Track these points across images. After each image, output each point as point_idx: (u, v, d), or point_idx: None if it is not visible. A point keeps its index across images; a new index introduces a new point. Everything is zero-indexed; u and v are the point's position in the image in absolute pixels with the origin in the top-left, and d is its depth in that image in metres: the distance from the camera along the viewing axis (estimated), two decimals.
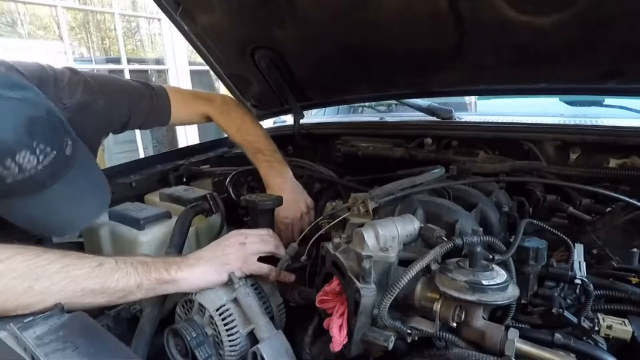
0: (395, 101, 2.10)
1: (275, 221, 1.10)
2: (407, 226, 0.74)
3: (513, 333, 0.61)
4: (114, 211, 1.07)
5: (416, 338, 0.65)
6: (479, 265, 0.63)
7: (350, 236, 0.75)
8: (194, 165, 1.52)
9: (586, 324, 0.70)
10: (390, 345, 0.63)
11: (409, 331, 0.64)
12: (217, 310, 0.76)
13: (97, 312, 0.88)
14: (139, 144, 4.52)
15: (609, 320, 0.72)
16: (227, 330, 0.75)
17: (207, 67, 1.71)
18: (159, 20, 5.14)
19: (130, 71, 4.53)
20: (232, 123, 1.29)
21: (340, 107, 2.45)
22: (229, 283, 0.79)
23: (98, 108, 1.03)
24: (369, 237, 0.69)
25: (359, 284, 0.64)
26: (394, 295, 0.62)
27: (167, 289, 0.75)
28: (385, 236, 0.69)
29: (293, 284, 0.88)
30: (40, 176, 0.75)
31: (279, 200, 0.98)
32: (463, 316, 0.63)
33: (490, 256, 0.68)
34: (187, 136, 4.98)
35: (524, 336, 0.63)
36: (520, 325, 0.72)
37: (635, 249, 0.91)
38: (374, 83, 1.57)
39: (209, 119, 1.31)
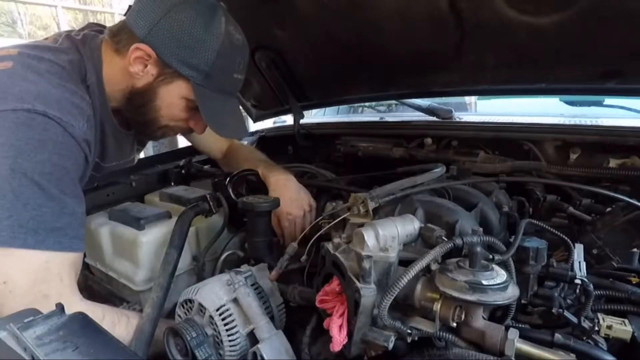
0: (395, 101, 2.10)
1: (280, 218, 1.10)
2: (407, 226, 0.74)
3: (513, 333, 0.61)
4: (114, 211, 1.07)
5: (416, 338, 0.65)
6: (479, 265, 0.62)
7: (350, 236, 0.75)
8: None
9: (586, 324, 0.70)
10: (390, 345, 0.63)
11: (409, 331, 0.64)
12: (217, 310, 0.76)
13: None
14: None
15: (609, 320, 0.72)
16: (227, 330, 0.75)
17: None
18: None
19: None
20: (245, 148, 1.48)
21: (340, 107, 2.46)
22: (229, 283, 0.79)
23: None
24: (369, 237, 0.69)
25: (359, 284, 0.64)
26: (394, 295, 0.62)
27: None
28: (385, 236, 0.69)
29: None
30: (240, 84, 1.03)
31: (276, 202, 0.98)
32: (463, 316, 0.63)
33: (490, 256, 0.68)
34: None
35: (524, 336, 0.62)
36: (520, 325, 0.72)
37: (635, 249, 0.91)
38: (374, 83, 1.57)
39: (219, 153, 1.44)
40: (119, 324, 0.81)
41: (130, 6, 0.94)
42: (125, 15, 0.95)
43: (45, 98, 0.79)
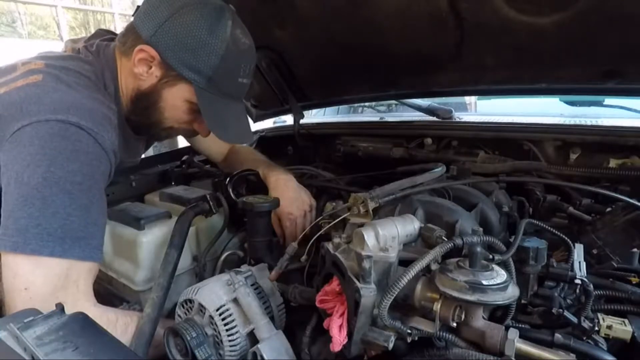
0: (395, 101, 2.10)
1: (281, 218, 1.10)
2: (407, 226, 0.74)
3: (513, 333, 0.61)
4: (114, 211, 1.06)
5: (416, 338, 0.65)
6: (479, 265, 0.63)
7: (350, 236, 0.75)
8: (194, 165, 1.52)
9: (586, 324, 0.70)
10: (390, 346, 0.63)
11: (409, 331, 0.64)
12: (217, 310, 0.76)
13: None
14: None
15: (609, 320, 0.72)
16: (227, 330, 0.75)
17: None
18: None
19: None
20: (245, 150, 1.47)
21: (340, 107, 2.46)
22: (229, 283, 0.79)
23: None
24: (369, 237, 0.69)
25: (359, 284, 0.64)
26: (394, 295, 0.62)
27: None
28: (385, 236, 0.69)
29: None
30: (246, 89, 1.02)
31: (276, 202, 0.98)
32: (463, 316, 0.63)
33: (490, 256, 0.68)
34: None
35: (524, 336, 0.63)
36: (520, 325, 0.72)
37: (635, 249, 0.91)
38: (374, 83, 1.57)
39: (220, 156, 1.44)
40: (132, 324, 0.82)
41: (138, 6, 0.94)
42: (133, 15, 0.95)
43: (78, 109, 0.80)
